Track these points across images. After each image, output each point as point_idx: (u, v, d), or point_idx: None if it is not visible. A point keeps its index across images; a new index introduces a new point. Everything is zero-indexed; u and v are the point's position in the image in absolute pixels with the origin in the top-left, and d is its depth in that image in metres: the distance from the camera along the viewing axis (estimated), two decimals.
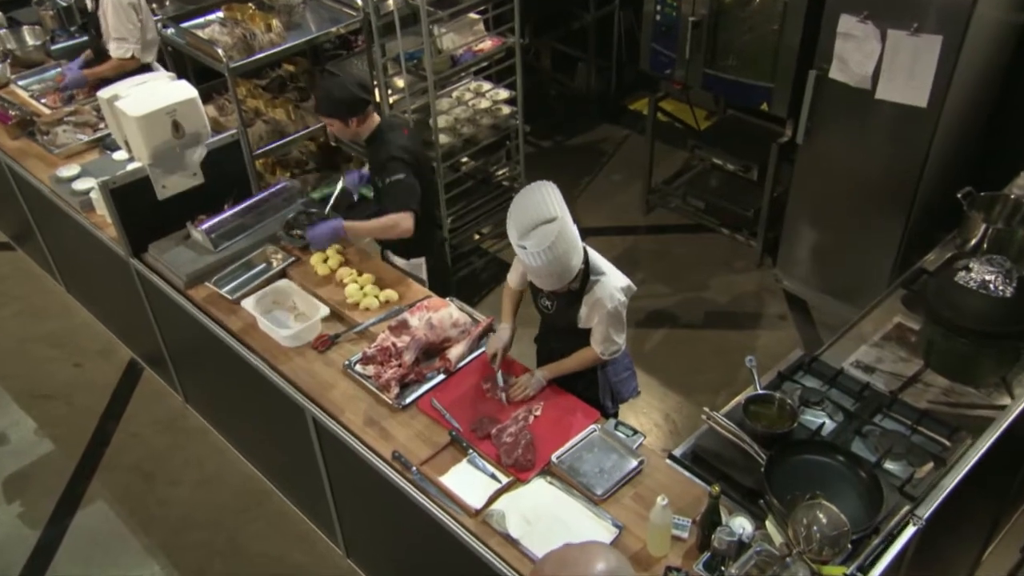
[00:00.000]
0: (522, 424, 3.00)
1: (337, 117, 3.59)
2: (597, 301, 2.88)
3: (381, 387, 3.14)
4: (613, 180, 6.26)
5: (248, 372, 3.35)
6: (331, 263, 3.72)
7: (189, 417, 4.53)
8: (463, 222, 5.01)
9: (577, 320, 2.99)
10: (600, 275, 2.90)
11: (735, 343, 4.89)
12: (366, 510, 3.35)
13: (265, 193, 4.08)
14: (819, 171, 4.63)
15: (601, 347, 2.99)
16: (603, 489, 2.77)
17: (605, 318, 2.89)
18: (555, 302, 3.06)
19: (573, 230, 2.71)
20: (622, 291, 2.94)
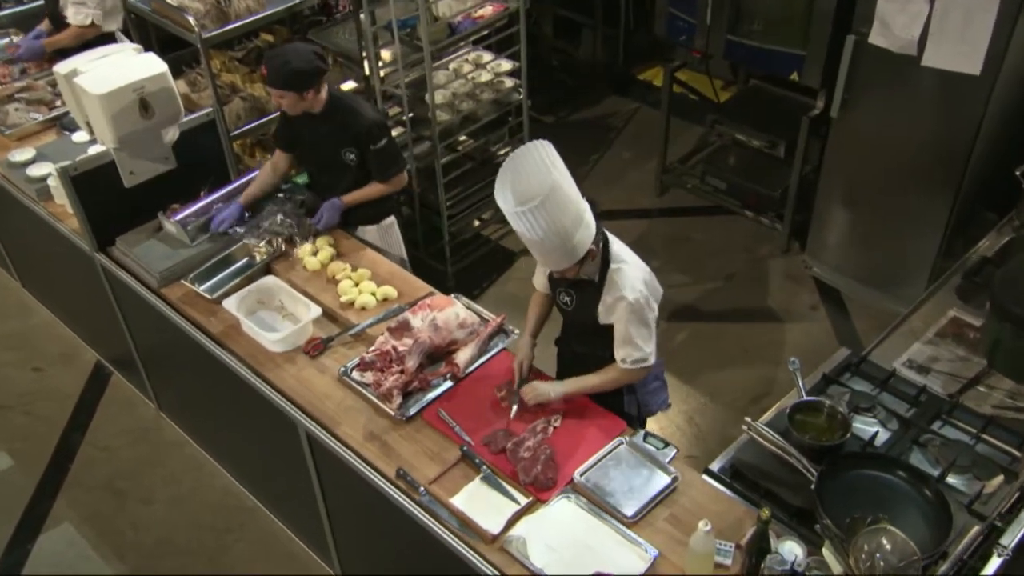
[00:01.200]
0: (540, 437, 2.90)
1: (294, 89, 3.53)
2: (618, 293, 2.76)
3: (382, 396, 3.04)
4: (623, 158, 6.15)
5: (231, 380, 3.25)
6: (321, 257, 3.61)
7: (163, 428, 4.42)
8: (462, 208, 4.91)
9: (597, 316, 2.88)
10: (621, 263, 2.79)
11: (762, 337, 4.80)
12: (366, 533, 3.25)
13: (245, 178, 3.98)
14: (855, 147, 4.53)
15: (622, 352, 2.83)
16: (634, 510, 2.68)
17: (626, 314, 2.76)
18: (574, 296, 2.95)
19: (575, 193, 2.59)
20: (645, 285, 2.79)
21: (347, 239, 3.78)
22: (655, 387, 3.15)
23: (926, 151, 4.25)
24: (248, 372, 3.20)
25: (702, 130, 6.15)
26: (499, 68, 4.76)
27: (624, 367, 2.85)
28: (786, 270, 5.20)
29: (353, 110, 3.65)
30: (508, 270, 5.20)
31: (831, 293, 5.03)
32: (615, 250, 2.83)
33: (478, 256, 5.20)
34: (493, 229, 5.36)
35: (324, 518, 3.35)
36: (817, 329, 4.83)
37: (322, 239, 3.70)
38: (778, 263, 5.26)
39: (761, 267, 5.24)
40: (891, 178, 4.47)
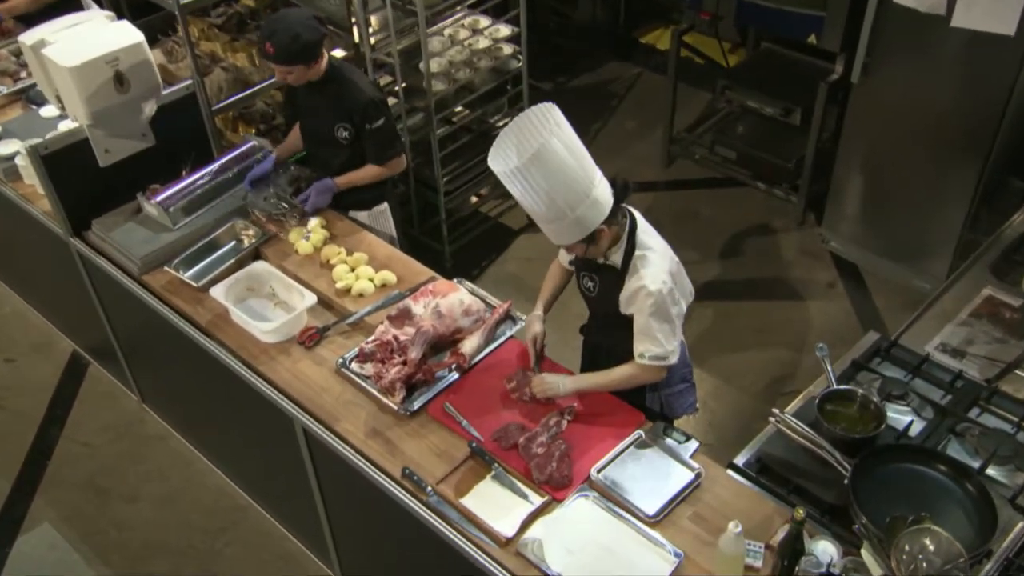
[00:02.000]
0: (554, 431, 2.85)
1: (304, 63, 3.45)
2: (639, 281, 2.70)
3: (384, 390, 2.98)
4: (626, 128, 6.08)
5: (222, 373, 3.19)
6: (314, 240, 3.55)
7: (147, 421, 4.36)
8: (459, 183, 4.84)
9: (618, 303, 2.81)
10: (647, 250, 2.73)
11: (777, 317, 4.77)
12: (369, 534, 3.21)
13: (229, 155, 3.90)
14: (877, 114, 4.48)
15: (640, 347, 2.74)
16: (656, 509, 2.64)
17: (647, 305, 2.69)
18: (598, 282, 2.88)
19: (579, 160, 2.51)
20: (671, 277, 2.72)
21: (341, 221, 3.70)
22: (681, 389, 3.09)
23: (953, 118, 4.20)
24: (239, 365, 3.14)
25: (709, 96, 6.08)
26: (497, 34, 4.67)
27: (642, 363, 2.77)
28: (801, 245, 5.16)
29: (350, 83, 3.57)
30: (508, 249, 5.16)
31: (849, 269, 5.00)
32: (642, 237, 2.76)
33: (477, 234, 5.15)
34: (492, 205, 5.30)
35: (323, 518, 3.31)
36: (835, 307, 4.81)
37: (314, 221, 3.63)
38: (793, 238, 5.21)
39: (775, 242, 5.20)
40: (915, 147, 4.41)
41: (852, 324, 4.70)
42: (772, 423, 2.77)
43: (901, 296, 4.78)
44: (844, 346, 4.48)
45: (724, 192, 5.52)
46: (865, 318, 4.72)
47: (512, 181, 2.51)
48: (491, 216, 5.28)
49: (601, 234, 2.65)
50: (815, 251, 5.11)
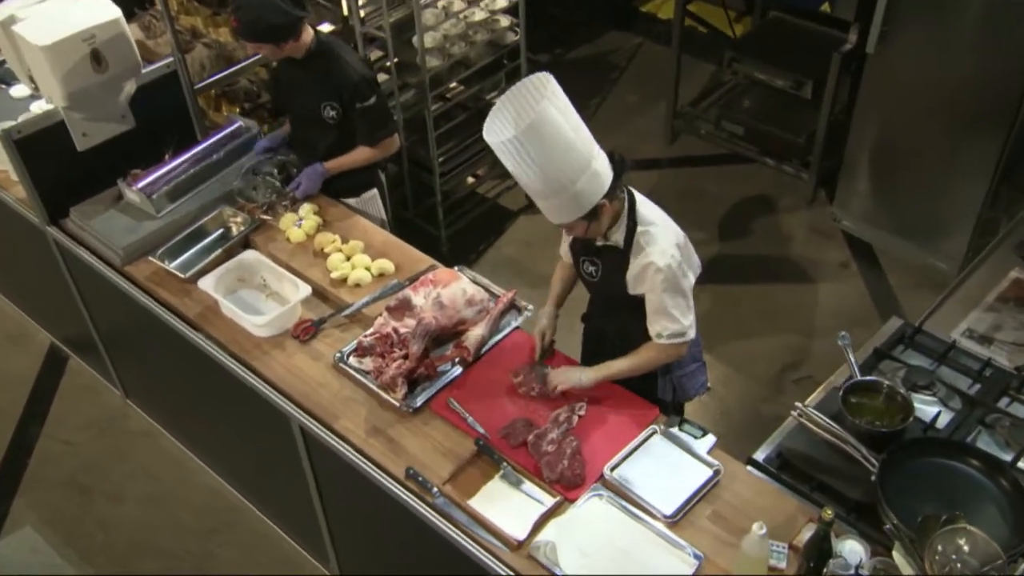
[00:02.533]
0: (565, 428, 2.82)
1: (269, 42, 3.43)
2: (646, 258, 2.68)
3: (384, 386, 2.94)
4: (627, 102, 6.02)
5: (212, 369, 3.15)
6: (306, 227, 3.50)
7: (132, 417, 4.31)
8: (454, 164, 4.79)
9: (625, 285, 2.78)
10: (649, 224, 2.70)
11: (788, 300, 4.75)
12: (371, 537, 3.18)
13: (215, 137, 3.85)
14: (893, 85, 4.43)
15: (656, 326, 2.75)
16: (674, 508, 2.61)
17: (658, 283, 2.67)
18: (599, 266, 2.85)
19: (576, 131, 2.47)
20: (677, 249, 2.70)
21: (334, 207, 3.65)
22: (693, 369, 3.06)
23: (973, 89, 4.16)
24: (231, 360, 3.10)
25: (713, 68, 6.03)
26: (494, 5, 4.60)
27: (661, 343, 2.76)
28: (812, 224, 5.14)
29: (339, 59, 3.51)
30: (506, 231, 5.12)
31: (863, 248, 4.98)
32: (643, 212, 2.73)
33: (473, 217, 5.11)
34: (489, 186, 5.25)
35: (321, 519, 3.28)
36: (849, 289, 4.79)
37: (306, 207, 3.58)
38: (803, 216, 5.18)
39: (785, 221, 5.16)
40: (933, 120, 4.38)
41: (866, 306, 4.68)
42: (793, 417, 2.74)
43: (917, 277, 4.76)
44: (859, 329, 4.49)
45: (731, 169, 5.48)
46: (880, 300, 4.70)
47: (507, 154, 2.47)
48: (488, 197, 5.24)
49: (602, 209, 2.60)
50: (827, 230, 5.08)
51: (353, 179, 3.74)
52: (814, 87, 4.93)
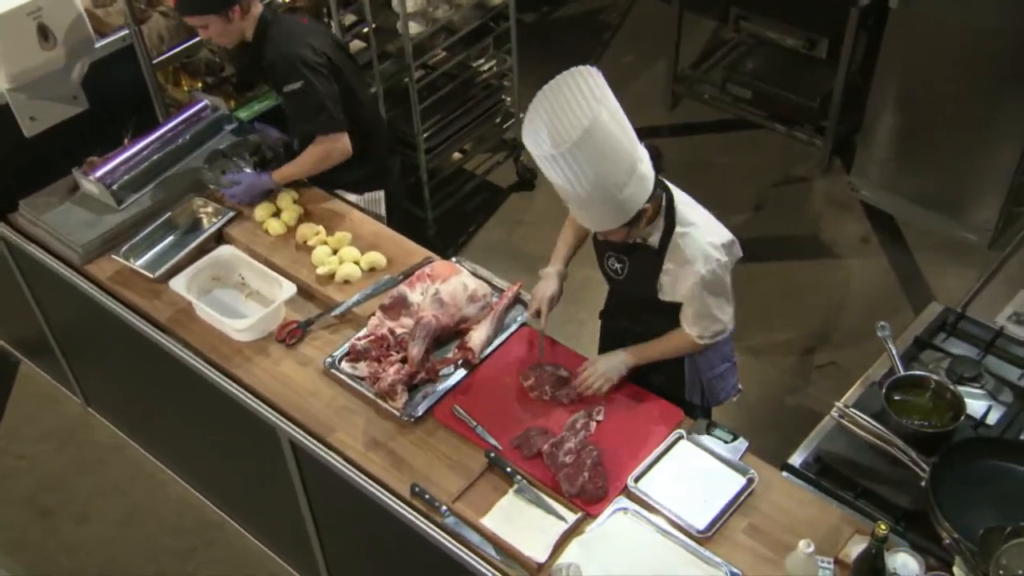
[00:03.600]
0: (583, 435, 2.79)
1: (212, 11, 3.26)
2: (685, 264, 2.65)
3: (382, 393, 2.91)
4: (622, 63, 5.96)
5: (187, 378, 3.08)
6: (286, 218, 3.44)
7: (94, 427, 4.23)
8: (439, 139, 4.71)
9: (657, 290, 2.75)
10: (689, 226, 2.66)
11: (805, 279, 4.73)
12: (370, 559, 3.14)
13: (179, 118, 3.78)
14: (917, 42, 4.39)
15: (696, 328, 2.75)
16: (706, 522, 2.59)
17: (699, 289, 2.65)
18: (626, 263, 2.81)
19: (627, 134, 2.46)
20: (722, 249, 2.67)
21: (317, 193, 3.61)
22: (724, 370, 3.04)
23: (1005, 45, 4.12)
24: (210, 369, 3.02)
25: (716, 26, 5.97)
26: None
27: (701, 343, 2.79)
28: (829, 194, 5.11)
29: (272, 40, 3.33)
30: (497, 211, 5.08)
31: (884, 221, 4.97)
32: (682, 210, 2.69)
33: (461, 196, 5.05)
34: (477, 162, 5.19)
35: (314, 539, 3.23)
36: (871, 265, 4.78)
37: (285, 195, 3.51)
38: (819, 187, 5.16)
39: (798, 193, 5.14)
40: (961, 79, 4.34)
41: (890, 284, 4.67)
42: (833, 418, 2.72)
43: (944, 251, 4.75)
44: (884, 309, 4.50)
45: (738, 137, 5.45)
46: (905, 277, 4.70)
47: (553, 168, 2.42)
48: (477, 174, 5.18)
49: (644, 213, 2.57)
50: (844, 201, 5.05)
51: (356, 171, 3.54)
52: (830, 45, 4.87)
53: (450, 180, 4.98)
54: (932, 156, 4.65)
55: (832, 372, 4.34)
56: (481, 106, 4.84)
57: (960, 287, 4.56)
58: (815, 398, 4.19)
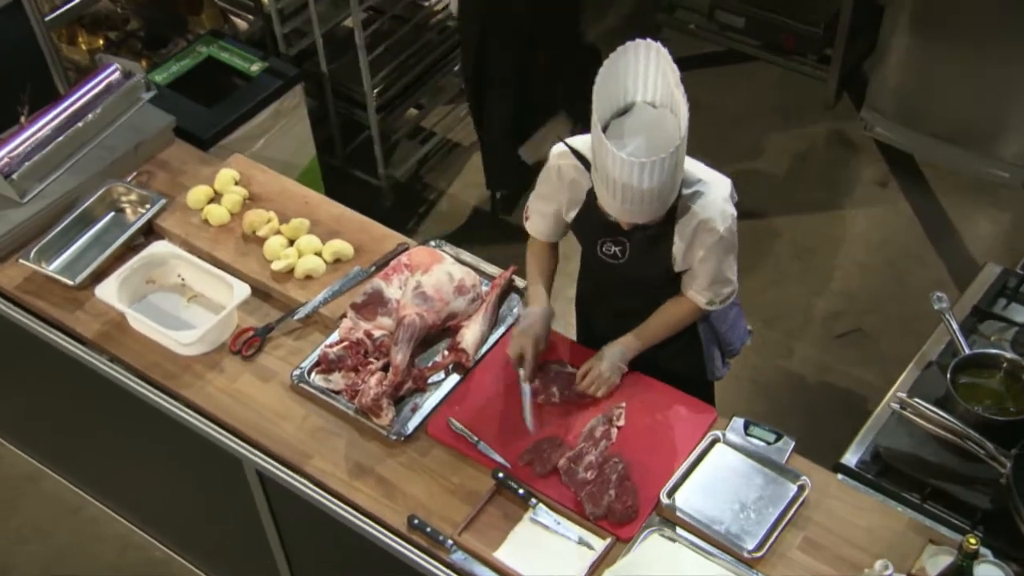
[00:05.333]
0: (604, 446, 2.75)
1: None
2: (702, 226, 2.65)
3: (364, 409, 2.84)
4: None
5: (126, 403, 2.94)
6: (228, 204, 3.34)
7: (3, 457, 4.13)
8: (392, 94, 4.69)
9: (671, 262, 2.73)
10: (696, 183, 2.65)
11: (818, 233, 4.74)
12: None
13: (84, 88, 3.64)
14: None
15: (707, 294, 2.76)
16: (757, 540, 2.56)
17: (716, 249, 2.67)
18: (627, 246, 2.76)
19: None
20: (731, 201, 2.70)
21: (262, 172, 3.51)
22: (734, 316, 3.07)
23: None
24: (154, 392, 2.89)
25: None
26: None
27: (710, 309, 2.81)
28: (838, 134, 5.12)
29: None
30: (462, 173, 5.04)
31: (903, 161, 4.97)
32: (687, 168, 2.64)
33: (420, 158, 5.00)
34: (436, 118, 5.12)
35: None
36: (891, 214, 4.79)
37: (224, 174, 3.41)
38: (826, 126, 5.16)
39: (802, 134, 5.13)
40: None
41: (916, 235, 4.70)
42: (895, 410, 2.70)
43: (974, 192, 4.79)
44: (912, 264, 4.53)
45: (729, 72, 5.43)
46: (931, 225, 4.73)
47: (634, 174, 2.39)
48: (435, 132, 5.11)
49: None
50: (856, 141, 5.06)
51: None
52: None
53: (405, 141, 4.96)
54: (957, 83, 4.64)
55: (857, 341, 4.36)
56: (437, 52, 4.79)
57: (995, 234, 4.62)
58: (841, 372, 4.21)
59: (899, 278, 4.54)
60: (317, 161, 4.38)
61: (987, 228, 4.66)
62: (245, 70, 4.11)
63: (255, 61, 4.15)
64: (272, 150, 4.08)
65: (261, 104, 4.03)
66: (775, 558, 2.55)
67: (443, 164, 5.06)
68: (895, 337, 4.27)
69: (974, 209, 4.73)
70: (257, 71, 4.11)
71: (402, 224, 4.61)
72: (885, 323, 4.38)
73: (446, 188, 4.94)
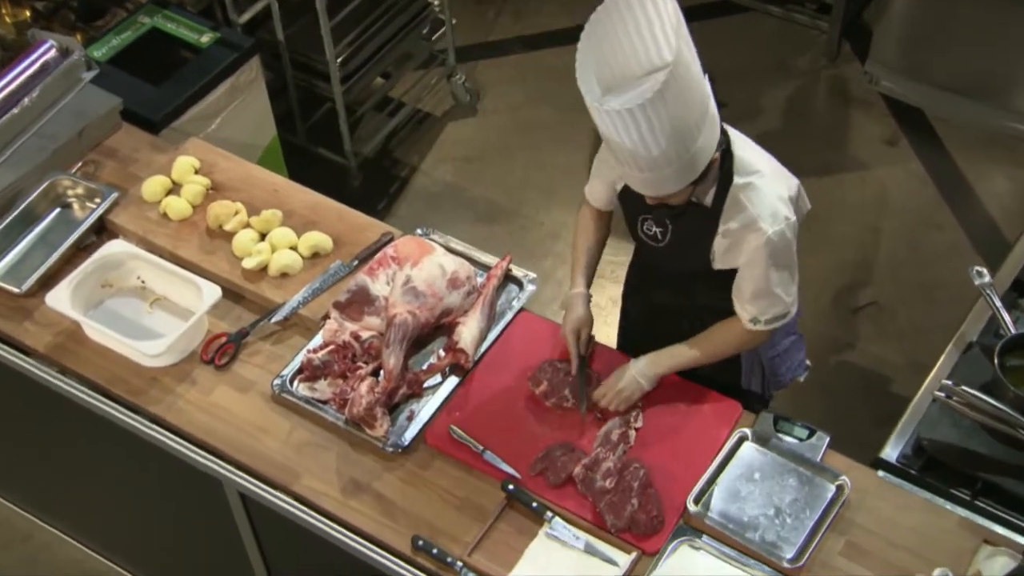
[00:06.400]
0: (622, 450, 2.74)
1: None
2: (748, 224, 2.60)
3: (356, 420, 2.81)
4: None
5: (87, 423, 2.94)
6: (189, 195, 3.30)
7: None
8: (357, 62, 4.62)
9: (710, 259, 2.70)
10: (752, 175, 2.60)
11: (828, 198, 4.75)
12: None
13: (16, 69, 3.54)
14: None
15: (752, 309, 2.70)
16: (795, 549, 2.56)
17: (762, 256, 2.60)
18: (669, 227, 2.76)
19: (700, 79, 2.41)
20: (791, 205, 2.64)
21: (224, 158, 3.47)
22: (788, 345, 3.02)
23: None
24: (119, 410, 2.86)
25: None
26: None
27: (755, 329, 2.71)
28: (841, 89, 5.13)
29: None
30: (435, 146, 5.03)
31: (912, 117, 4.99)
32: (741, 155, 2.63)
33: (389, 131, 4.99)
34: (404, 87, 5.10)
35: None
36: (903, 175, 4.81)
37: (182, 162, 3.37)
38: (827, 80, 5.18)
39: (802, 91, 5.15)
40: None
41: (929, 195, 4.74)
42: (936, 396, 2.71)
43: (987, 147, 4.82)
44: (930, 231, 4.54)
45: (722, 25, 5.44)
46: (945, 184, 4.75)
47: (621, 122, 2.31)
48: (404, 102, 5.09)
49: (712, 164, 2.51)
50: (862, 97, 5.07)
51: None
52: None
53: (372, 113, 4.94)
54: (967, 30, 4.65)
55: (874, 315, 4.37)
56: (403, 15, 4.75)
57: (1013, 191, 4.65)
58: (861, 351, 4.23)
59: (913, 244, 4.57)
60: (279, 141, 4.34)
61: (1004, 185, 4.68)
62: (194, 42, 4.05)
63: (205, 31, 4.08)
64: (229, 130, 4.04)
65: (215, 80, 3.97)
66: (817, 567, 2.55)
67: (414, 137, 5.05)
68: (914, 308, 4.31)
69: (990, 166, 4.76)
70: (208, 43, 4.04)
71: (372, 206, 4.59)
72: (901, 293, 4.41)
73: (418, 163, 4.93)
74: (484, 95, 5.16)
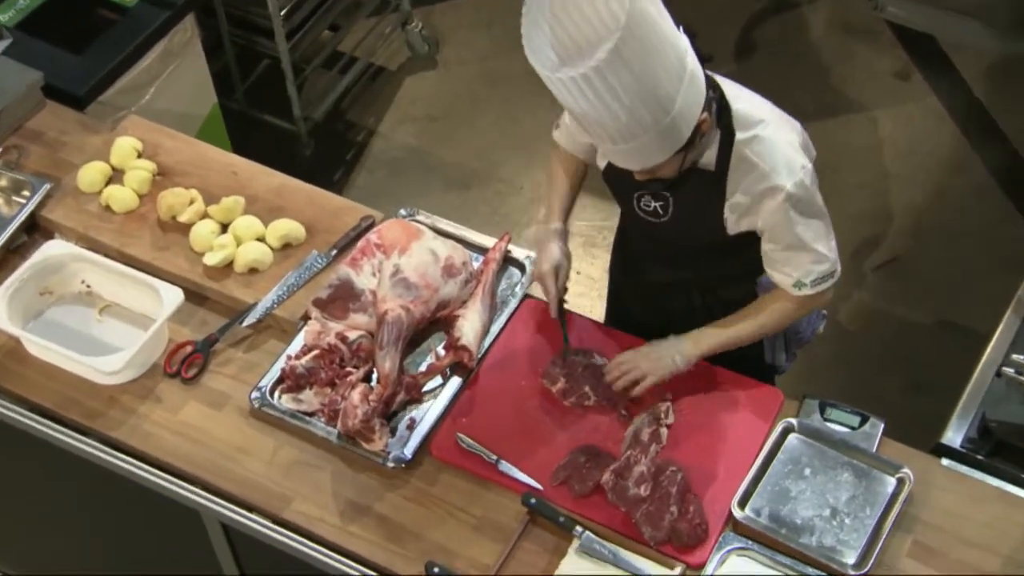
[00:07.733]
0: (654, 451, 2.75)
1: None
2: (763, 180, 2.61)
3: (351, 434, 2.79)
4: None
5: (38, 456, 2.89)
6: (135, 184, 3.26)
7: None
8: (302, 15, 4.60)
9: (723, 221, 2.71)
10: (756, 126, 2.61)
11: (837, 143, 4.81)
12: None
13: None
14: None
15: (793, 272, 2.70)
16: (857, 552, 2.57)
17: (785, 211, 2.61)
18: (669, 200, 2.76)
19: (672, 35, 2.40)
20: (803, 151, 2.66)
21: (170, 137, 3.44)
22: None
23: None
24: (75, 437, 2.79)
25: None
26: None
27: (800, 294, 2.72)
28: (844, 20, 5.16)
29: None
30: (392, 106, 5.03)
31: (924, 46, 5.02)
32: (740, 108, 2.63)
33: (341, 92, 4.99)
34: (354, 40, 5.08)
35: None
36: (918, 112, 4.84)
37: (121, 144, 3.33)
38: (828, 10, 5.20)
39: (800, 22, 5.17)
40: None
41: (949, 135, 4.78)
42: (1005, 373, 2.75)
43: (1009, 76, 4.85)
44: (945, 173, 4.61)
45: None
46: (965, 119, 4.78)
47: (577, 89, 2.33)
48: (356, 56, 5.08)
49: (701, 127, 2.51)
50: (867, 26, 5.10)
51: None
52: None
53: (320, 72, 4.94)
54: None
55: (896, 273, 4.39)
56: None
57: None
58: (886, 315, 4.24)
59: (934, 189, 4.58)
60: (220, 108, 4.31)
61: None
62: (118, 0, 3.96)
63: None
64: (164, 101, 4.01)
65: (145, 44, 3.90)
66: (883, 571, 2.56)
67: (368, 96, 5.06)
68: (939, 262, 4.37)
69: (1013, 97, 4.79)
70: (133, 1, 3.94)
71: (328, 177, 4.60)
72: (924, 245, 4.46)
73: (376, 126, 4.93)
74: (444, 44, 5.16)
